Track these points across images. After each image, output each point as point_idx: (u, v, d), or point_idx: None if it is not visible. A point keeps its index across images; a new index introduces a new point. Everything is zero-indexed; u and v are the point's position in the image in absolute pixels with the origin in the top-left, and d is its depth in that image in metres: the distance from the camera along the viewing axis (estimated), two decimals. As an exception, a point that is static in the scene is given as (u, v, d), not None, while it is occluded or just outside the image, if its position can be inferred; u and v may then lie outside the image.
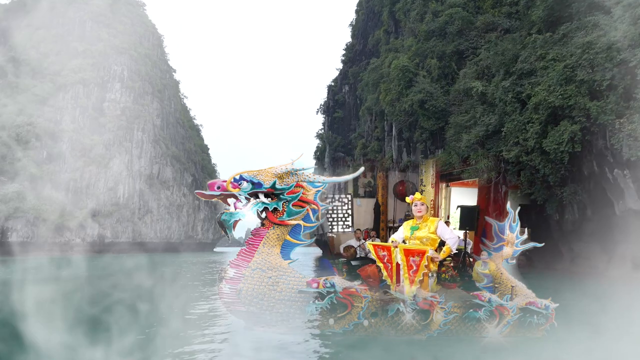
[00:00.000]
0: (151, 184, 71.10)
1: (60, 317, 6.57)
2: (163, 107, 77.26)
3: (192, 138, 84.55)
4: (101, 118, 66.90)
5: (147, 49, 76.93)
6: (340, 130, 54.32)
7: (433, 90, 24.11)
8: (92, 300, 9.11)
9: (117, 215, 65.07)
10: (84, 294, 10.27)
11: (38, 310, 6.61)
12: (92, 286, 12.29)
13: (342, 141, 54.05)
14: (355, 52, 54.60)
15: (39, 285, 11.58)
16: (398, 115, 26.23)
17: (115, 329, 5.82)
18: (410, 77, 25.34)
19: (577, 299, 10.16)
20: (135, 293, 8.21)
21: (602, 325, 6.66)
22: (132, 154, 68.82)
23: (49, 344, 4.92)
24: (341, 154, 54.82)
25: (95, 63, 69.13)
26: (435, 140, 25.00)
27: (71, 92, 66.05)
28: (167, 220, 73.40)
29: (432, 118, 24.31)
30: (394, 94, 26.64)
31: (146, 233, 68.84)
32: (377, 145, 33.99)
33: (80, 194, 62.52)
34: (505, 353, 5.48)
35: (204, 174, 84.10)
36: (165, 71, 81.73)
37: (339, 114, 53.89)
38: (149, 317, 6.74)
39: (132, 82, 71.47)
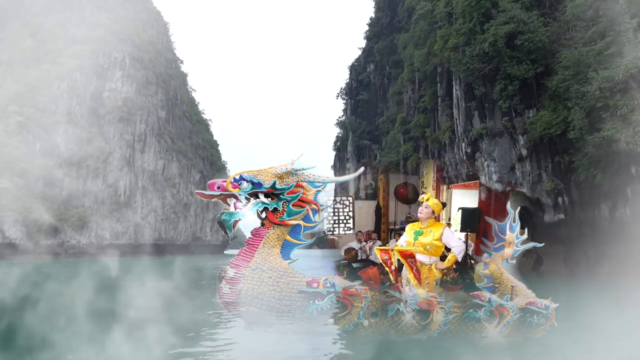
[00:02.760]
0: (155, 181, 64.00)
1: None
2: (168, 98, 70.31)
3: (200, 132, 77.41)
4: (100, 109, 60.08)
5: (151, 36, 70.15)
6: (365, 115, 46.53)
7: (527, 19, 16.25)
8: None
9: (117, 214, 57.99)
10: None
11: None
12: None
13: (368, 127, 46.24)
14: (381, 26, 46.88)
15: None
16: (468, 64, 18.33)
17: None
18: (488, 6, 17.50)
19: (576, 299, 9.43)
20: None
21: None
22: (134, 148, 61.80)
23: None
24: (367, 141, 47.03)
25: (94, 50, 62.36)
26: (528, 94, 17.09)
27: (67, 81, 59.36)
28: (173, 220, 66.14)
29: (526, 61, 16.41)
30: (461, 36, 18.78)
31: (149, 234, 61.74)
32: (424, 119, 26.10)
33: (76, 191, 55.81)
34: (505, 353, 5.38)
35: (213, 171, 76.65)
36: (171, 60, 74.86)
37: (363, 97, 46.12)
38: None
39: (135, 71, 64.62)
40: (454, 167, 22.19)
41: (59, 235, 53.27)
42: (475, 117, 19.13)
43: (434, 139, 24.18)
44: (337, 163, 52.58)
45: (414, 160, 26.72)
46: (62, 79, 58.97)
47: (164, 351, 5.07)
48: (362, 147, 45.47)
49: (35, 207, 51.82)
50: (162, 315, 6.55)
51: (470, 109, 19.39)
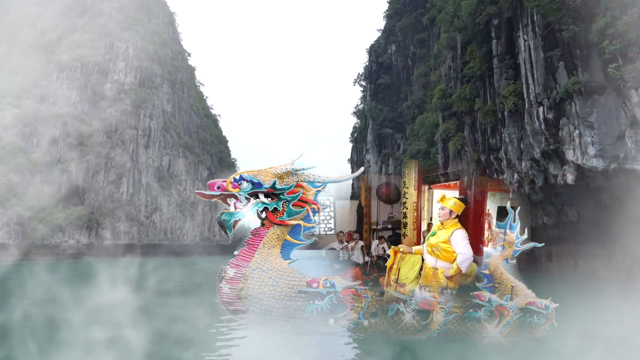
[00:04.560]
0: (160, 178, 59.54)
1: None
2: (175, 91, 65.95)
3: (209, 127, 72.88)
4: (102, 101, 55.88)
5: (156, 26, 65.93)
6: (387, 101, 41.36)
7: None
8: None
9: (120, 213, 53.67)
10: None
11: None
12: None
13: (389, 114, 41.05)
14: (404, 3, 41.71)
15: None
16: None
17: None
18: None
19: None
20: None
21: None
22: (138, 142, 57.43)
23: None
24: (389, 129, 41.87)
25: (95, 39, 58.33)
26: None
27: (67, 72, 55.32)
28: (179, 219, 61.54)
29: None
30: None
31: (154, 234, 57.37)
32: (471, 90, 20.91)
33: (76, 188, 51.69)
34: (505, 353, 5.32)
35: (222, 168, 71.96)
36: (178, 52, 70.57)
37: (384, 80, 40.90)
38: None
39: (139, 62, 60.36)
40: (515, 146, 17.00)
41: (56, 234, 49.13)
42: (561, 71, 13.86)
43: (487, 111, 18.93)
44: (355, 156, 47.42)
45: (457, 141, 21.47)
46: (62, 70, 54.97)
47: (165, 351, 5.06)
48: (383, 136, 40.27)
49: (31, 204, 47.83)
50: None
51: (552, 60, 14.12)
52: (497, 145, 18.95)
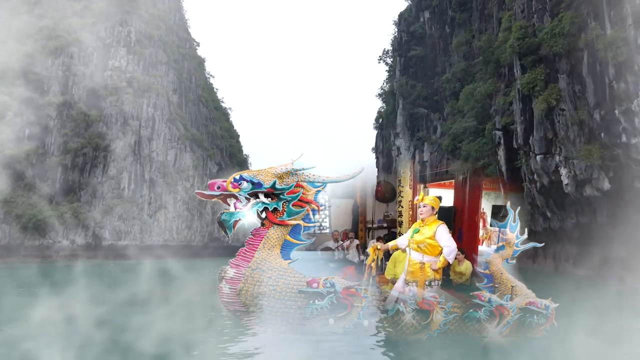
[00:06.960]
0: (165, 173, 53.97)
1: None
2: (181, 80, 60.45)
3: (218, 120, 67.19)
4: (101, 90, 50.61)
5: (161, 11, 60.61)
6: (420, 76, 34.71)
7: None
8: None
9: (120, 210, 48.14)
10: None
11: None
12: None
13: (423, 91, 34.38)
14: (438, -39, 35.05)
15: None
16: None
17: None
18: None
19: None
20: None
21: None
22: (141, 135, 51.91)
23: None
24: (423, 109, 35.24)
25: (95, 23, 53.17)
26: None
27: (62, 57, 50.20)
28: (187, 218, 55.80)
29: None
30: None
31: (159, 234, 51.72)
32: (571, 19, 14.21)
33: (71, 183, 46.45)
34: (505, 353, 5.30)
35: (233, 164, 66.10)
36: (185, 40, 65.12)
37: (417, 52, 34.20)
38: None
39: (142, 48, 55.00)
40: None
41: (49, 234, 43.81)
42: None
43: (612, 39, 12.23)
44: (380, 144, 40.84)
45: (549, 95, 14.78)
46: (57, 55, 49.86)
47: (165, 350, 5.05)
48: (416, 117, 33.57)
49: (21, 200, 42.63)
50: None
51: None
52: (627, 91, 12.20)
